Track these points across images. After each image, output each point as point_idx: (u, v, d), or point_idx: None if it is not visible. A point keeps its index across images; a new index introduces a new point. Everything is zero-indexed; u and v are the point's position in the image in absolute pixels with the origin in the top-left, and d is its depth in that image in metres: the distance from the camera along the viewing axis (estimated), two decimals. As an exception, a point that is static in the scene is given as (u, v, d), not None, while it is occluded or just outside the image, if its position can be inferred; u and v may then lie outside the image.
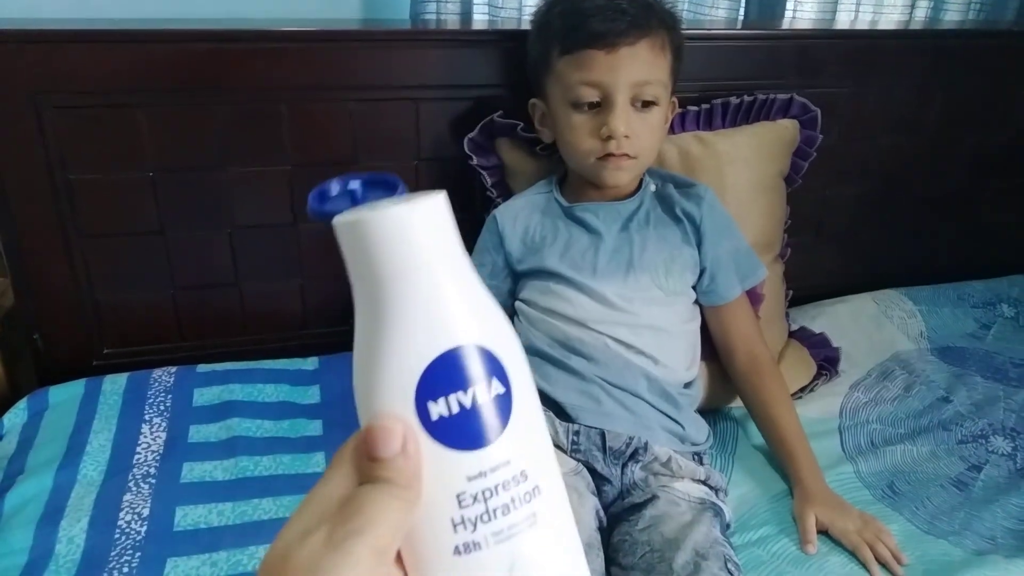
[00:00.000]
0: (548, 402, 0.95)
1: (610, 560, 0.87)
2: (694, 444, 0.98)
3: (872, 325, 1.36)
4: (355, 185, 0.34)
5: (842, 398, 1.21)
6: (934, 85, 1.38)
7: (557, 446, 0.92)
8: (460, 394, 0.29)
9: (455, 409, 0.29)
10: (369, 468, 0.28)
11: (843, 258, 1.49)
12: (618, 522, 0.89)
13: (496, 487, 0.29)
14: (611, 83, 0.94)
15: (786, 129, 1.23)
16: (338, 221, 0.31)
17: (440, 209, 0.31)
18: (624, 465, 0.91)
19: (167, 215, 1.13)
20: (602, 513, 0.87)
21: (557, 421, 0.93)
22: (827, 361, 1.25)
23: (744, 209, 1.18)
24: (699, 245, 1.03)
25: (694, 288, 1.05)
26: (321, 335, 1.24)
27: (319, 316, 1.24)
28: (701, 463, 0.98)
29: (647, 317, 0.98)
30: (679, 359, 1.01)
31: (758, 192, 1.20)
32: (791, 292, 1.30)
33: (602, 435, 0.91)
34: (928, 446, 1.12)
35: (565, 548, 0.32)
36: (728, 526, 0.93)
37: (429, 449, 0.29)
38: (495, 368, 0.30)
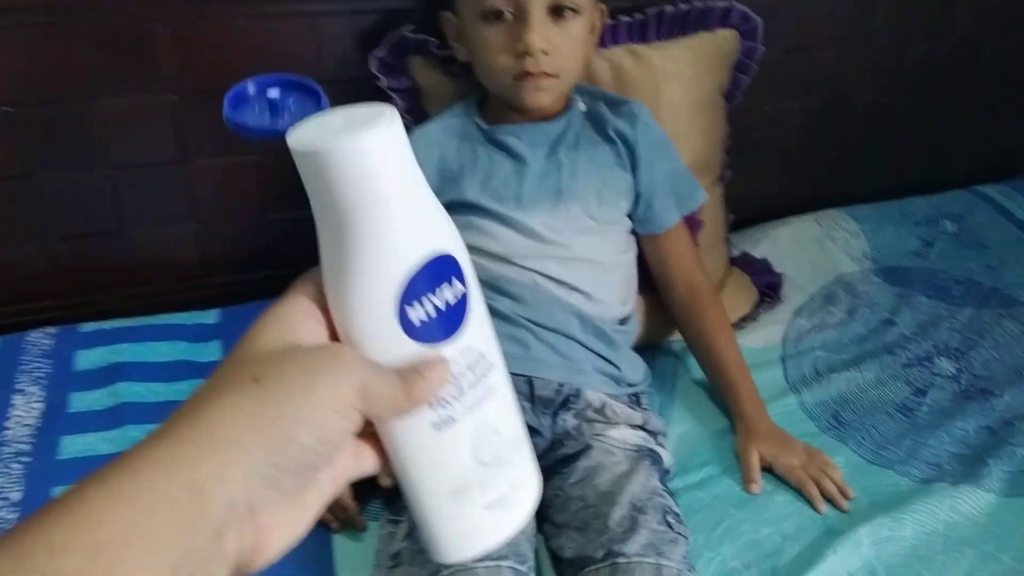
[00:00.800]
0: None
1: (542, 517, 0.81)
2: (631, 385, 0.91)
3: (815, 247, 1.31)
4: (274, 93, 0.36)
5: (785, 326, 1.15)
6: (878, -11, 1.29)
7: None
8: (433, 297, 0.33)
9: (432, 311, 0.33)
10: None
11: (786, 179, 1.42)
12: (550, 476, 0.82)
13: (464, 369, 0.34)
14: None
15: (725, 40, 1.13)
16: (300, 150, 0.31)
17: (398, 129, 0.32)
18: (555, 414, 0.84)
19: (30, 156, 0.98)
20: None
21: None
22: (769, 287, 1.19)
23: (681, 128, 1.09)
24: (634, 169, 0.95)
25: (629, 216, 0.96)
26: (222, 285, 1.13)
27: (219, 263, 1.12)
28: (639, 405, 0.92)
29: (579, 249, 0.90)
30: (614, 293, 0.93)
31: (696, 109, 1.11)
32: (732, 217, 1.22)
33: (530, 383, 0.84)
34: (873, 372, 1.08)
35: (515, 411, 0.39)
36: (667, 472, 0.87)
37: (411, 349, 0.33)
38: (455, 270, 0.34)
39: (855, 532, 0.84)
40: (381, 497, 0.83)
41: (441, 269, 0.33)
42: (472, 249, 0.90)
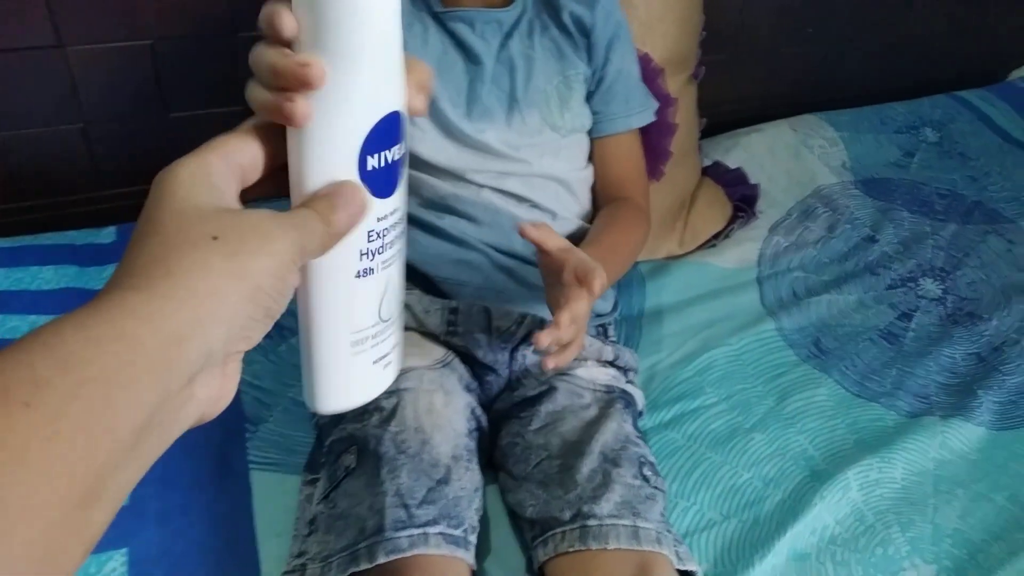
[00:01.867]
0: (416, 275, 0.73)
1: (498, 466, 0.71)
2: (599, 315, 0.80)
3: (791, 157, 1.20)
4: None
5: (760, 243, 1.05)
6: None
7: (427, 333, 0.72)
8: (387, 151, 0.34)
9: (382, 164, 0.33)
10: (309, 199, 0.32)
11: (760, 78, 1.30)
12: (507, 420, 0.71)
13: (389, 227, 0.35)
14: None
15: (704, -88, 0.97)
16: None
17: None
18: (514, 349, 0.73)
19: None
20: (479, 412, 0.69)
21: (427, 299, 0.72)
22: (744, 200, 1.09)
23: (655, 15, 0.95)
24: (589, 59, 0.80)
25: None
26: (118, 196, 0.96)
27: (114, 171, 0.96)
28: (606, 337, 0.81)
29: (541, 166, 0.77)
30: (580, 211, 0.80)
31: (672, -7, 0.97)
32: (704, 120, 1.10)
33: (487, 312, 0.71)
34: (855, 294, 0.99)
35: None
36: (640, 415, 0.77)
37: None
38: (403, 129, 0.34)
39: (843, 475, 0.76)
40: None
41: (394, 125, 0.34)
42: (416, 162, 0.77)
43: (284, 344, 0.84)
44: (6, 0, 0.82)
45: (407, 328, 0.71)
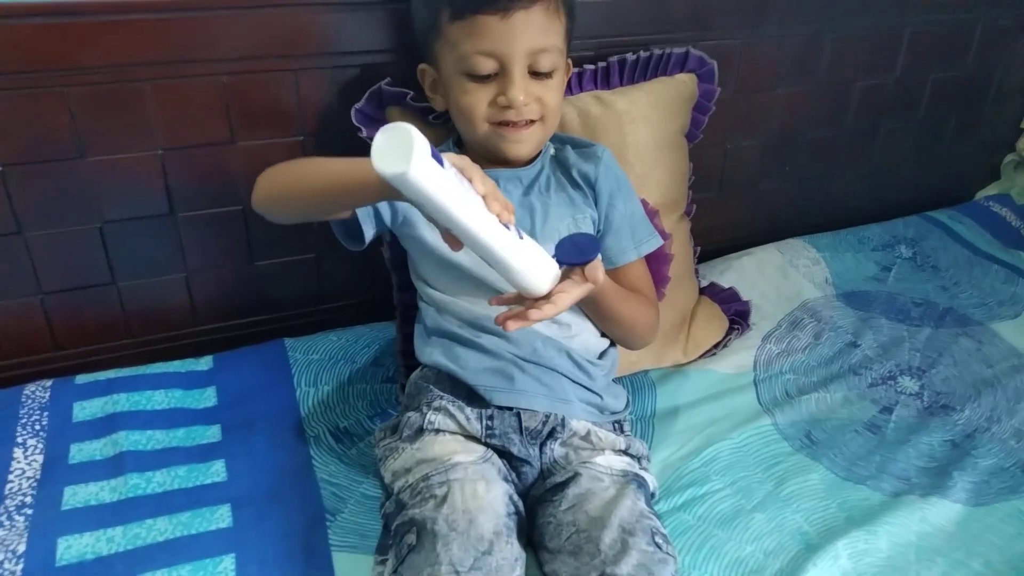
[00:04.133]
0: (459, 387, 0.90)
1: (537, 544, 0.84)
2: (613, 413, 0.95)
3: (779, 275, 1.37)
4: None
5: (755, 351, 1.21)
6: (823, 31, 1.38)
7: (470, 436, 0.88)
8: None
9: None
10: None
11: (746, 210, 1.49)
12: (541, 504, 0.85)
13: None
14: (507, 53, 0.87)
15: (684, 84, 1.20)
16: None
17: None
18: (542, 444, 0.88)
19: (25, 213, 1.01)
20: (516, 498, 0.84)
21: (468, 409, 0.88)
22: (738, 315, 1.25)
23: (648, 168, 1.15)
24: (596, 205, 1.00)
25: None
26: (214, 331, 1.15)
27: (210, 310, 1.15)
28: (621, 431, 0.96)
29: None
30: (590, 327, 0.97)
31: (661, 150, 1.18)
32: (699, 248, 1.29)
33: (518, 416, 0.87)
34: (841, 392, 1.14)
35: None
36: (653, 495, 0.91)
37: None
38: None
39: (833, 546, 0.88)
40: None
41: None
42: (457, 294, 0.95)
43: (354, 448, 0.99)
44: (128, 177, 1.04)
45: (452, 433, 0.87)
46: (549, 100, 0.93)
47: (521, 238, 0.76)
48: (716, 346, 1.21)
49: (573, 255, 0.79)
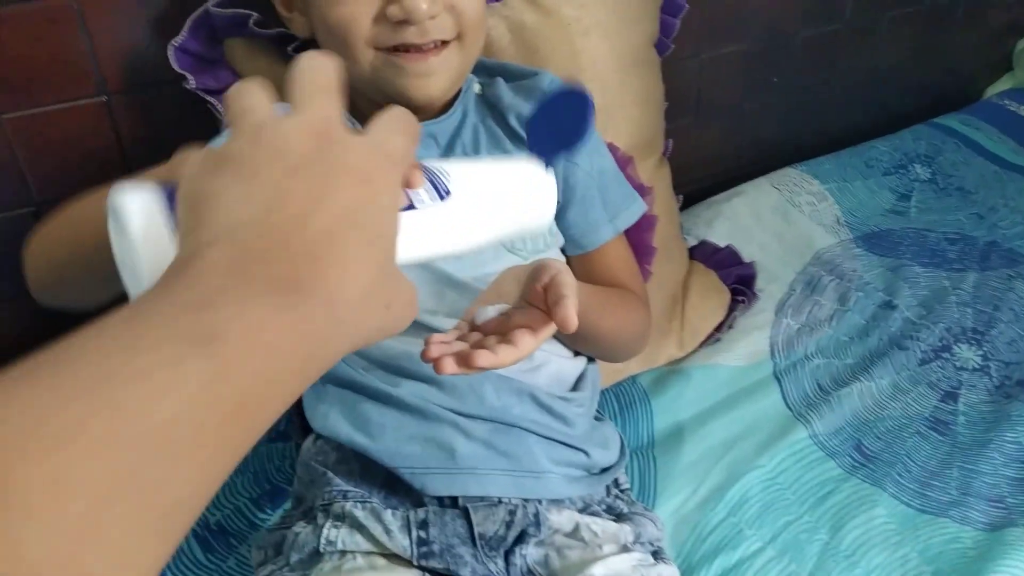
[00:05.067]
0: (372, 470, 0.59)
1: None
2: (604, 469, 0.65)
3: (779, 219, 1.08)
4: None
5: (769, 330, 0.92)
6: None
7: (393, 555, 0.56)
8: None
9: None
10: None
11: (729, 137, 1.20)
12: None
13: None
14: None
15: (648, -25, 0.87)
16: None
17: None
18: (508, 553, 0.58)
19: None
20: None
21: (389, 513, 0.57)
22: (741, 282, 0.96)
23: (613, 98, 0.84)
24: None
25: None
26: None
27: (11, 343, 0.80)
28: (619, 491, 0.66)
29: None
30: (562, 348, 0.67)
31: (627, 70, 0.86)
32: (680, 197, 0.98)
33: (466, 515, 0.57)
34: (887, 376, 0.86)
35: None
36: (679, 597, 0.62)
37: None
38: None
39: (932, 630, 0.62)
40: None
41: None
42: None
43: (232, 557, 0.68)
44: None
45: (366, 554, 0.56)
46: (467, 8, 0.59)
47: (451, 193, 0.38)
48: (719, 329, 0.91)
49: (556, 140, 0.44)
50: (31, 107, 0.74)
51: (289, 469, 0.74)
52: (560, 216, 0.68)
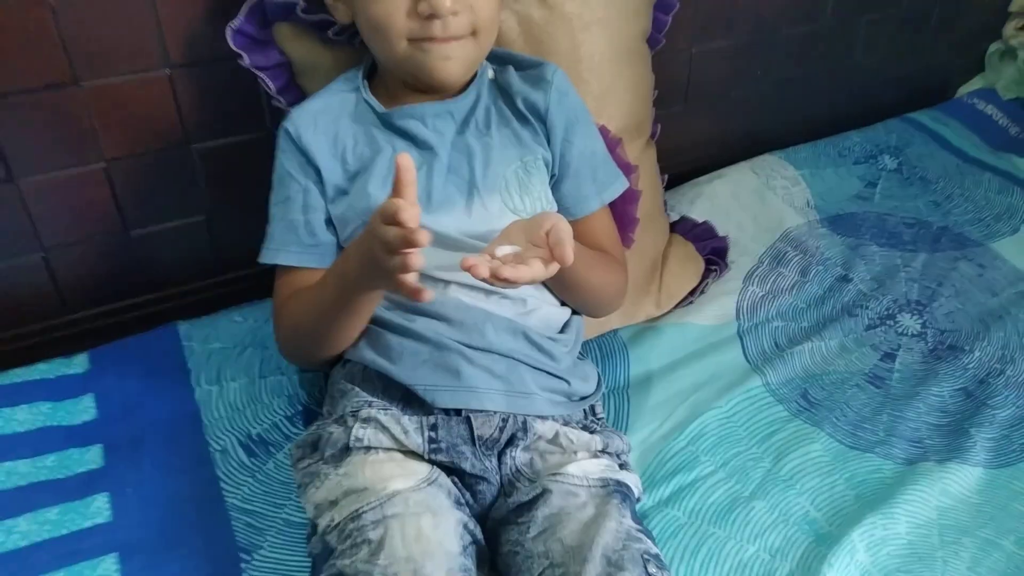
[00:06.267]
0: (392, 388, 0.72)
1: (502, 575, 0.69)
2: (583, 398, 0.79)
3: (756, 200, 1.20)
4: None
5: (737, 296, 1.05)
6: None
7: (409, 452, 0.70)
8: None
9: None
10: None
11: (716, 125, 1.31)
12: (505, 527, 0.69)
13: None
14: None
15: (644, -23, 0.98)
16: None
17: None
18: (500, 454, 0.71)
19: None
20: (473, 525, 0.67)
21: (405, 418, 0.70)
22: (715, 253, 1.09)
23: (607, 85, 0.95)
24: (548, 142, 0.80)
25: (555, 197, 0.82)
26: (87, 320, 0.94)
27: (79, 295, 0.94)
28: (595, 418, 0.80)
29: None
30: (551, 297, 0.80)
31: (621, 60, 0.97)
32: (665, 176, 1.10)
33: (468, 422, 0.70)
34: (836, 338, 0.99)
35: None
36: (638, 500, 0.76)
37: None
38: None
39: (848, 537, 0.75)
40: None
41: None
42: None
43: (271, 461, 0.81)
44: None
45: (387, 450, 0.69)
46: (482, 8, 0.72)
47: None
48: (692, 293, 1.04)
49: None
50: (108, 76, 0.86)
51: (318, 394, 0.87)
52: (556, 187, 0.81)
